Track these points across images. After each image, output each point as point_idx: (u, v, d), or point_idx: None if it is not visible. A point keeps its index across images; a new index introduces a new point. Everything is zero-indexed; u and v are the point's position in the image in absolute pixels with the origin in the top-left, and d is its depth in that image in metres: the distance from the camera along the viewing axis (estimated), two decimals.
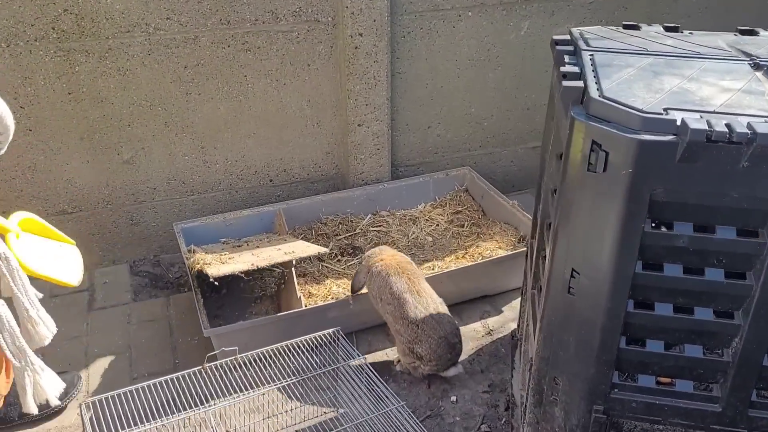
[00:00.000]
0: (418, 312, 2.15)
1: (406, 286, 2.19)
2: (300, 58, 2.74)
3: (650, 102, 1.34)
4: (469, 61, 3.02)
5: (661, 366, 1.51)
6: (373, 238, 2.88)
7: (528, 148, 3.38)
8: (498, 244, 2.73)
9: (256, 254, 2.47)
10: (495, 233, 2.82)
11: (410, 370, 2.23)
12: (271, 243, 2.59)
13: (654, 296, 1.44)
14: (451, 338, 2.17)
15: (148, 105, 2.62)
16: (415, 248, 2.85)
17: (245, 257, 2.46)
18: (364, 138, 2.94)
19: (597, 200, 1.38)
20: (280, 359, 1.93)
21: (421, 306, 2.17)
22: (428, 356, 2.14)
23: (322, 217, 2.93)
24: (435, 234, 2.93)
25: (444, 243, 2.87)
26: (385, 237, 2.89)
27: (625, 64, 1.54)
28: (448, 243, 2.87)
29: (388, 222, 2.98)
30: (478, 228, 2.93)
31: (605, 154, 1.32)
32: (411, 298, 2.17)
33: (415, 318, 2.14)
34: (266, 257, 2.35)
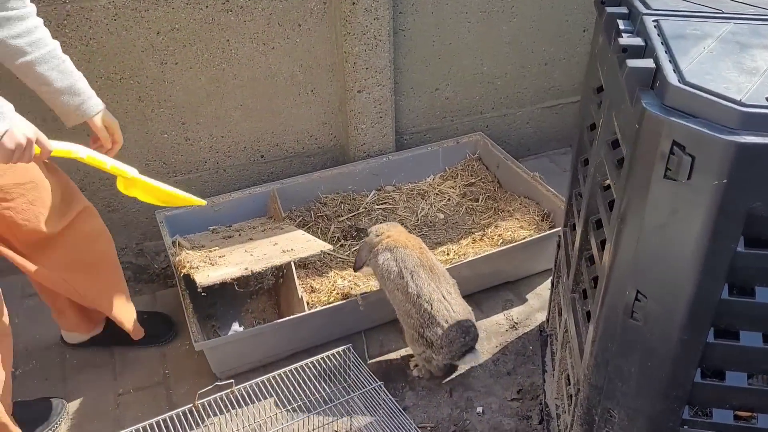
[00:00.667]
0: (432, 289, 1.91)
1: (418, 261, 1.94)
2: (289, 17, 2.39)
3: (746, 88, 1.04)
4: (480, 13, 2.68)
5: (743, 400, 1.27)
6: (379, 217, 2.60)
7: (545, 108, 3.06)
8: (519, 223, 2.46)
9: (249, 251, 2.18)
10: (514, 209, 2.54)
11: (424, 366, 1.99)
12: (266, 233, 2.31)
13: (740, 324, 1.18)
14: (464, 321, 1.92)
15: (118, 78, 2.29)
16: (425, 227, 2.58)
17: (237, 256, 2.17)
18: (364, 105, 2.62)
19: (675, 213, 1.10)
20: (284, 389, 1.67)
21: (434, 283, 1.93)
22: (439, 342, 1.89)
23: (321, 197, 2.64)
24: (447, 210, 2.65)
25: (457, 220, 2.60)
26: (391, 215, 2.62)
27: (701, 33, 1.23)
28: (462, 221, 2.59)
29: (395, 198, 2.70)
30: (494, 203, 2.65)
31: (690, 159, 1.03)
32: (424, 273, 1.93)
33: (429, 296, 1.90)
34: (261, 257, 2.06)
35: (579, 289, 1.65)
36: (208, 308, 2.27)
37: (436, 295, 1.91)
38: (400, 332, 2.18)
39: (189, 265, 2.04)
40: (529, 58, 2.89)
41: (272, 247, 2.14)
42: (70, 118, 1.71)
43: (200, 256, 2.11)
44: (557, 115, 3.11)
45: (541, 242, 2.28)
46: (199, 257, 2.10)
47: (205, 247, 2.21)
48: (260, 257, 2.06)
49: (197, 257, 2.10)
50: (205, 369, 2.04)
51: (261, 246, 2.16)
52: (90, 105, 1.72)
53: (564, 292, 1.79)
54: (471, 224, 2.56)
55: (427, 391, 1.99)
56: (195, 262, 2.06)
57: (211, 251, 2.17)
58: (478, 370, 2.06)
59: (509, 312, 2.27)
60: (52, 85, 1.62)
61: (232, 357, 2.00)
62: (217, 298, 2.30)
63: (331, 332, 2.14)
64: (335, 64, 2.55)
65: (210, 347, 1.92)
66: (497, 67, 2.85)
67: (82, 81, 1.70)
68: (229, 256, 2.12)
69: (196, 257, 2.10)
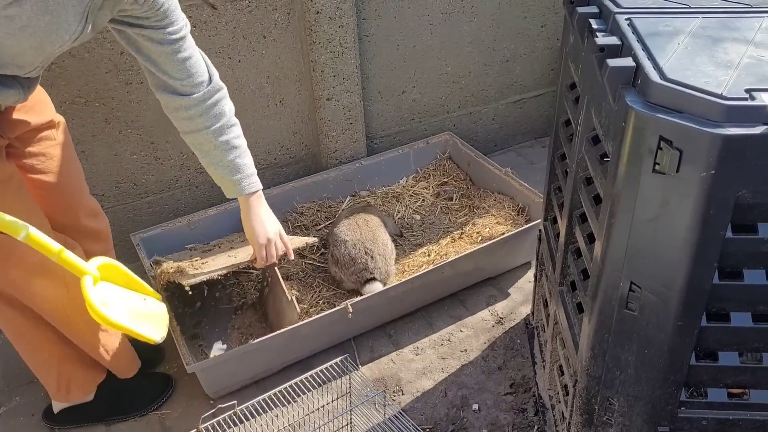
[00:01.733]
0: (347, 222, 2.36)
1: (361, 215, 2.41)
2: (254, 29, 2.37)
3: (724, 81, 1.09)
4: (442, 15, 2.71)
5: (735, 378, 1.32)
6: None
7: (509, 103, 3.11)
8: (495, 219, 2.49)
9: (233, 255, 2.17)
10: (489, 206, 2.58)
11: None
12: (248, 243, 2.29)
13: (730, 306, 1.23)
14: (368, 243, 2.26)
15: (83, 102, 2.24)
16: (403, 229, 2.60)
17: (221, 260, 2.16)
18: (334, 113, 2.63)
19: (666, 206, 1.14)
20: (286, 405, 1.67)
21: (353, 221, 2.36)
22: (343, 260, 2.24)
23: (297, 206, 2.63)
24: (422, 211, 2.68)
25: (434, 220, 2.62)
26: None
27: (673, 29, 1.28)
28: (439, 220, 2.62)
29: (370, 203, 2.70)
30: (468, 200, 2.68)
31: (678, 153, 1.07)
32: (347, 214, 2.41)
33: (339, 220, 2.40)
34: (248, 254, 2.04)
35: (567, 281, 1.69)
36: (193, 328, 2.24)
37: (349, 226, 2.34)
38: (390, 335, 2.20)
39: (173, 271, 2.01)
40: (491, 56, 2.93)
41: None
42: (230, 193, 1.88)
43: (182, 265, 2.07)
44: (521, 109, 3.17)
45: (520, 236, 2.32)
46: (181, 266, 2.06)
47: (186, 260, 2.18)
48: (246, 254, 2.04)
49: (179, 266, 2.06)
50: (197, 391, 2.02)
51: (244, 250, 2.14)
52: (243, 187, 1.86)
53: (550, 285, 1.83)
54: (447, 223, 2.59)
55: (423, 394, 2.01)
56: (178, 268, 2.04)
57: (193, 261, 2.14)
58: (469, 367, 2.10)
59: (494, 307, 2.31)
60: (218, 164, 1.79)
61: (225, 376, 1.99)
62: (201, 317, 2.27)
63: (321, 342, 2.14)
64: (302, 74, 2.55)
65: (202, 369, 1.90)
66: (461, 67, 2.89)
67: (243, 160, 1.84)
68: (212, 261, 2.10)
69: (177, 266, 2.06)
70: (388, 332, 2.23)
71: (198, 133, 1.71)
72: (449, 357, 2.14)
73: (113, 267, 1.53)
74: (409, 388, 2.03)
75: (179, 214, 2.52)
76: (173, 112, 1.69)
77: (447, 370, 2.09)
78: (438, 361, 2.12)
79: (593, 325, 1.36)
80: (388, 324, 2.26)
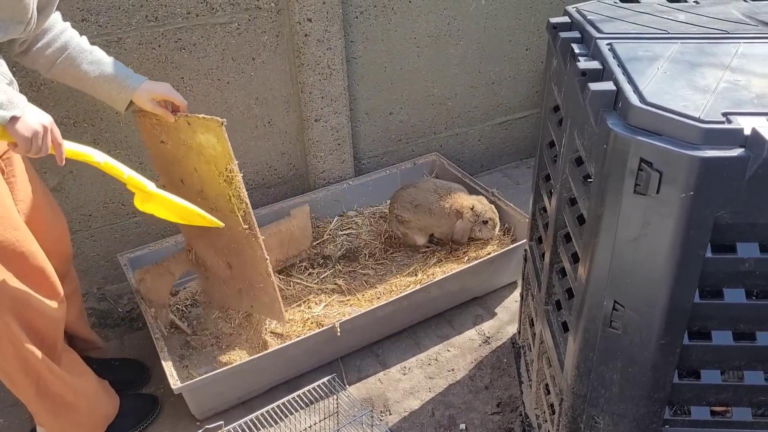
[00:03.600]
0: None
1: None
2: (243, 51, 2.40)
3: (702, 105, 1.12)
4: (428, 38, 2.75)
5: (718, 396, 1.34)
6: (344, 243, 2.62)
7: (495, 125, 3.16)
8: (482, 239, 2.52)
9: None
10: None
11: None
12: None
13: (712, 325, 1.26)
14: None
15: (72, 122, 2.25)
16: (391, 249, 2.61)
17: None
18: (322, 133, 2.65)
19: (647, 226, 1.16)
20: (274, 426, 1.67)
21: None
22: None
23: None
24: None
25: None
26: (356, 240, 2.64)
27: (653, 54, 1.31)
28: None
29: (358, 223, 2.72)
30: None
31: (659, 174, 1.10)
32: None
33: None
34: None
35: (552, 301, 1.71)
36: (180, 348, 2.23)
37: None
38: (377, 355, 2.21)
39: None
40: (477, 78, 2.98)
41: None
42: (118, 103, 1.78)
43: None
44: (507, 130, 3.21)
45: (506, 256, 2.34)
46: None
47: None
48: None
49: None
50: (183, 411, 2.01)
51: None
52: (128, 84, 1.76)
53: (536, 304, 1.85)
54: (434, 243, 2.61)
55: (410, 414, 2.01)
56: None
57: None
58: (456, 387, 2.10)
59: (480, 327, 2.32)
60: (87, 78, 1.70)
61: (212, 397, 1.98)
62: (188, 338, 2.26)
63: (308, 362, 2.14)
64: (291, 95, 2.57)
65: (189, 389, 1.89)
66: (447, 89, 2.93)
67: (117, 65, 1.75)
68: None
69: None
70: (376, 352, 2.24)
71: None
72: (436, 376, 2.14)
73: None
74: (397, 408, 2.03)
75: (166, 235, 2.52)
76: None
77: (434, 389, 2.10)
78: (425, 380, 2.13)
79: (578, 344, 1.38)
80: (375, 344, 2.26)
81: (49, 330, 1.71)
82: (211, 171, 1.94)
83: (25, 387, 1.71)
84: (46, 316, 1.68)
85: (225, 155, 1.89)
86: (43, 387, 1.72)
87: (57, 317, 1.72)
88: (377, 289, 2.40)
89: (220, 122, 1.83)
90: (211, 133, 1.87)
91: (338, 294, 2.38)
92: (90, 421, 1.88)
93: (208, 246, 2.19)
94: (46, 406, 1.76)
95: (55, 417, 1.80)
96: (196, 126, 1.89)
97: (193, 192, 2.02)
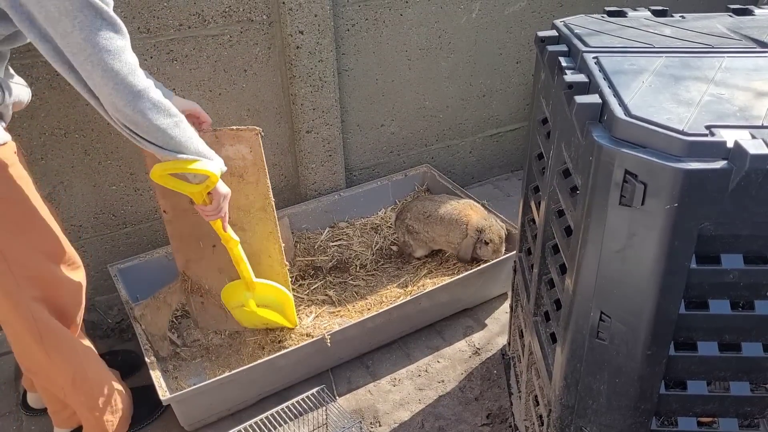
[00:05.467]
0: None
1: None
2: (235, 63, 2.41)
3: (685, 118, 1.14)
4: (419, 51, 2.77)
5: (704, 407, 1.34)
6: (335, 254, 2.63)
7: (486, 137, 3.18)
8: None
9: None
10: None
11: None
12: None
13: (697, 336, 1.26)
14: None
15: (63, 133, 2.25)
16: (382, 260, 2.62)
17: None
18: (313, 145, 2.66)
19: (632, 237, 1.17)
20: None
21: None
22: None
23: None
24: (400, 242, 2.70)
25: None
26: (347, 252, 2.64)
27: (638, 68, 1.33)
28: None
29: (349, 234, 2.73)
30: None
31: (643, 186, 1.11)
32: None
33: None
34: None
35: (541, 312, 1.72)
36: (169, 359, 2.22)
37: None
38: (367, 366, 2.21)
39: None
40: (468, 91, 3.00)
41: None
42: None
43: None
44: (497, 143, 3.23)
45: (496, 267, 2.35)
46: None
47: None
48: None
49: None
50: (172, 422, 2.00)
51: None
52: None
53: (525, 315, 1.86)
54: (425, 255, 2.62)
55: (399, 424, 2.01)
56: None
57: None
58: (446, 398, 2.10)
59: (470, 338, 2.33)
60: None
61: (201, 408, 1.97)
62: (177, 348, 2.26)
63: (298, 374, 2.14)
64: (282, 107, 2.59)
65: (178, 400, 1.88)
66: (438, 101, 2.95)
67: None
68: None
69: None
70: (366, 363, 2.24)
71: None
72: (426, 388, 2.14)
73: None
74: (387, 420, 2.03)
75: (157, 246, 2.52)
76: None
77: (424, 401, 2.09)
78: (415, 392, 2.13)
79: (566, 355, 1.39)
80: (365, 355, 2.26)
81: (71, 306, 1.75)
82: (234, 183, 1.95)
83: (62, 379, 1.74)
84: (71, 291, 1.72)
85: (257, 163, 1.96)
86: (82, 375, 1.76)
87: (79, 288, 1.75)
88: (368, 300, 2.40)
89: (258, 131, 1.87)
90: (242, 143, 1.90)
91: (329, 305, 2.39)
92: (125, 412, 1.91)
93: (209, 268, 2.21)
94: (82, 399, 1.79)
95: (90, 411, 1.82)
96: (225, 138, 1.91)
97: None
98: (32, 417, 2.09)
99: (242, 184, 2.01)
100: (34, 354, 1.70)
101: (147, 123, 1.50)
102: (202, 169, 1.63)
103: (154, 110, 1.50)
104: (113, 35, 1.42)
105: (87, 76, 1.43)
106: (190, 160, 1.60)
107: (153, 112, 1.50)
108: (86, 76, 1.43)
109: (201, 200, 1.75)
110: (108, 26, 1.41)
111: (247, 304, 2.09)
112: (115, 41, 1.42)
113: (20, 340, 1.69)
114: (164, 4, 2.19)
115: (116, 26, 1.43)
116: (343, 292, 2.45)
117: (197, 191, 1.71)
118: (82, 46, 1.38)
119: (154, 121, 1.50)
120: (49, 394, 1.88)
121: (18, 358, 1.81)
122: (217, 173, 1.67)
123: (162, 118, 1.52)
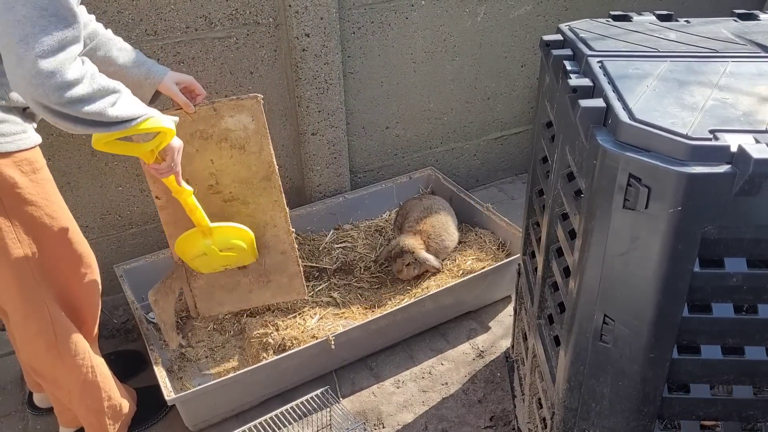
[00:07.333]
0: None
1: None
2: (241, 66, 2.43)
3: (690, 122, 1.14)
4: (425, 54, 2.78)
5: (707, 410, 1.35)
6: (339, 256, 2.63)
7: (490, 140, 3.18)
8: (476, 253, 2.53)
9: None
10: (471, 240, 2.62)
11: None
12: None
13: (701, 339, 1.27)
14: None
15: (70, 135, 2.27)
16: (386, 262, 2.62)
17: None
18: (318, 147, 2.67)
19: (636, 240, 1.18)
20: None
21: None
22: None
23: None
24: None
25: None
26: (351, 254, 2.65)
27: (643, 72, 1.34)
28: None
29: (353, 236, 2.73)
30: None
31: (647, 190, 1.11)
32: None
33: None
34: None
35: (544, 315, 1.72)
36: (174, 360, 2.23)
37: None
38: (371, 368, 2.21)
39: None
40: (473, 94, 3.01)
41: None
42: (146, 89, 1.78)
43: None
44: (502, 146, 3.24)
45: (500, 270, 2.36)
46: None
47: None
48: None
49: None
50: (177, 423, 2.01)
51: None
52: (156, 70, 1.78)
53: (529, 318, 1.86)
54: None
55: (402, 426, 2.02)
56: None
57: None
58: (449, 401, 2.11)
59: (474, 341, 2.33)
60: (116, 63, 1.72)
61: (205, 408, 1.98)
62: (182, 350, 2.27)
63: (302, 375, 2.15)
64: (288, 109, 2.60)
65: (182, 400, 1.89)
66: (443, 104, 2.96)
67: (141, 54, 1.79)
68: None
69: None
70: (370, 365, 2.25)
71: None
72: (430, 390, 2.15)
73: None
74: (390, 422, 2.03)
75: (163, 246, 2.53)
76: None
77: (428, 403, 2.10)
78: (419, 394, 2.13)
79: (569, 357, 1.39)
80: (369, 357, 2.27)
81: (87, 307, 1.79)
82: (234, 156, 1.96)
83: (71, 383, 1.75)
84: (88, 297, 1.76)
85: (260, 131, 1.94)
86: (91, 378, 1.77)
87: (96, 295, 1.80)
88: (372, 302, 2.41)
89: (259, 98, 1.88)
90: (244, 112, 1.90)
91: (333, 307, 2.39)
92: (127, 417, 1.92)
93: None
94: (89, 403, 1.80)
95: (95, 415, 1.83)
96: (225, 110, 1.91)
97: (201, 189, 2.02)
98: (38, 416, 2.10)
99: (244, 155, 1.98)
100: (45, 356, 1.70)
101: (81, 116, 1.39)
102: (156, 126, 1.51)
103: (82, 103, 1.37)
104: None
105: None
106: (141, 122, 1.49)
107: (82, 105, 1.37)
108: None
109: (153, 159, 1.65)
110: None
111: (209, 251, 2.00)
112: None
113: (33, 342, 1.69)
114: (171, 7, 2.21)
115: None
116: (348, 294, 2.46)
117: (148, 150, 1.61)
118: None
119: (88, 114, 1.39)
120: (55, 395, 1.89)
121: (27, 360, 1.81)
122: (173, 127, 1.58)
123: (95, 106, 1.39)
